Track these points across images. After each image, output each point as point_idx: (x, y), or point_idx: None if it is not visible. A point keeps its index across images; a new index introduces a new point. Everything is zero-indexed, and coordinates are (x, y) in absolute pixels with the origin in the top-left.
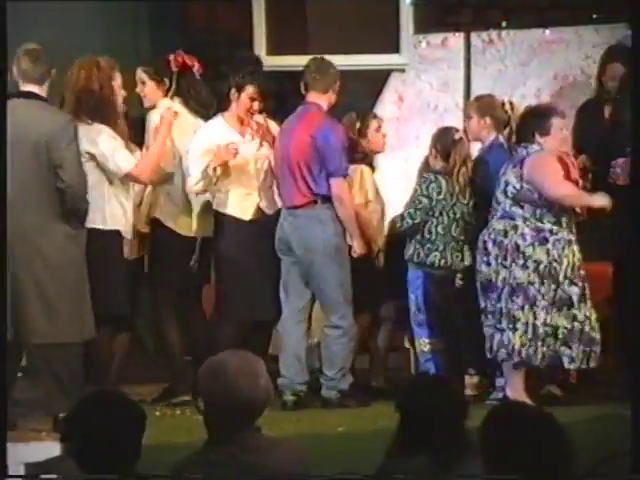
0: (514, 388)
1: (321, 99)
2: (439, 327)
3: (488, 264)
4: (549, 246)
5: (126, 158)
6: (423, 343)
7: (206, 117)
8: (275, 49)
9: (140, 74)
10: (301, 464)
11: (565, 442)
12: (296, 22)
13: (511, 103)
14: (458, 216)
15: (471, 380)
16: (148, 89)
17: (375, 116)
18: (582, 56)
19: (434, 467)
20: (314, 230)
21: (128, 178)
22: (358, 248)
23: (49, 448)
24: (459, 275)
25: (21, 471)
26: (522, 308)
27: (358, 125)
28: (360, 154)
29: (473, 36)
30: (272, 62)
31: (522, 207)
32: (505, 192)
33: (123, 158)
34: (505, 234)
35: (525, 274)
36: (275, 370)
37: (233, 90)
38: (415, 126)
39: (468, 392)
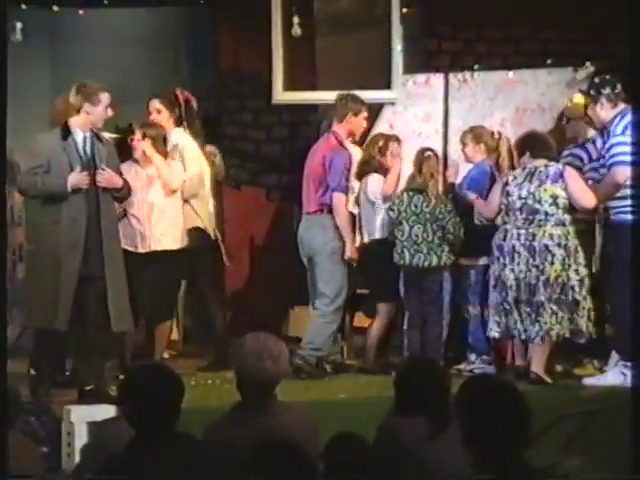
0: (538, 364)
1: (339, 127)
2: (417, 313)
3: (552, 263)
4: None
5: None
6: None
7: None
8: (290, 85)
9: (157, 104)
10: (310, 425)
11: (524, 406)
12: (307, 63)
13: (500, 133)
14: (423, 222)
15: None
16: (163, 116)
17: (397, 139)
18: (538, 93)
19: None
20: (318, 233)
21: None
22: (348, 251)
23: (106, 410)
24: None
25: (84, 429)
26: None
27: (381, 144)
28: (373, 167)
29: (450, 76)
30: (287, 97)
31: (570, 213)
32: (556, 204)
33: None
34: (566, 238)
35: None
36: None
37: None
38: (403, 149)
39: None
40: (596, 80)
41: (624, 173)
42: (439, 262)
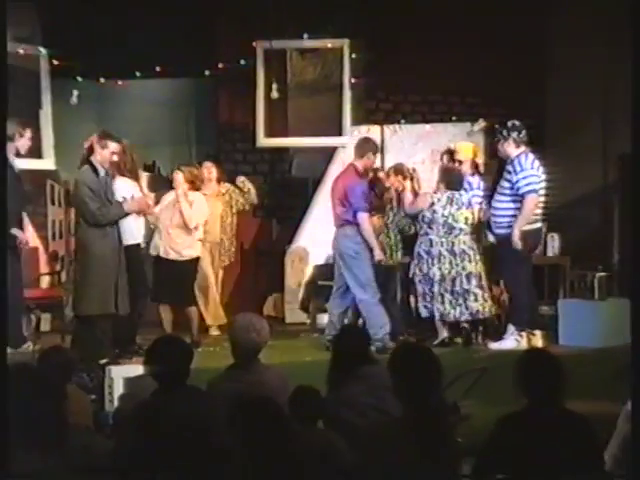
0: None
1: (357, 162)
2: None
3: (470, 261)
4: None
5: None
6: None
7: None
8: (269, 134)
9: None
10: (283, 380)
11: (438, 365)
12: (282, 118)
13: (414, 169)
14: (392, 228)
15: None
16: None
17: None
18: (447, 140)
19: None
20: (341, 241)
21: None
22: (377, 255)
23: (137, 368)
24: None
25: (121, 383)
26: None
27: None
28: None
29: (385, 128)
30: (268, 142)
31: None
32: (467, 223)
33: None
34: (472, 242)
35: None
36: None
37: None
38: None
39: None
40: (509, 124)
41: (536, 198)
42: (398, 259)
